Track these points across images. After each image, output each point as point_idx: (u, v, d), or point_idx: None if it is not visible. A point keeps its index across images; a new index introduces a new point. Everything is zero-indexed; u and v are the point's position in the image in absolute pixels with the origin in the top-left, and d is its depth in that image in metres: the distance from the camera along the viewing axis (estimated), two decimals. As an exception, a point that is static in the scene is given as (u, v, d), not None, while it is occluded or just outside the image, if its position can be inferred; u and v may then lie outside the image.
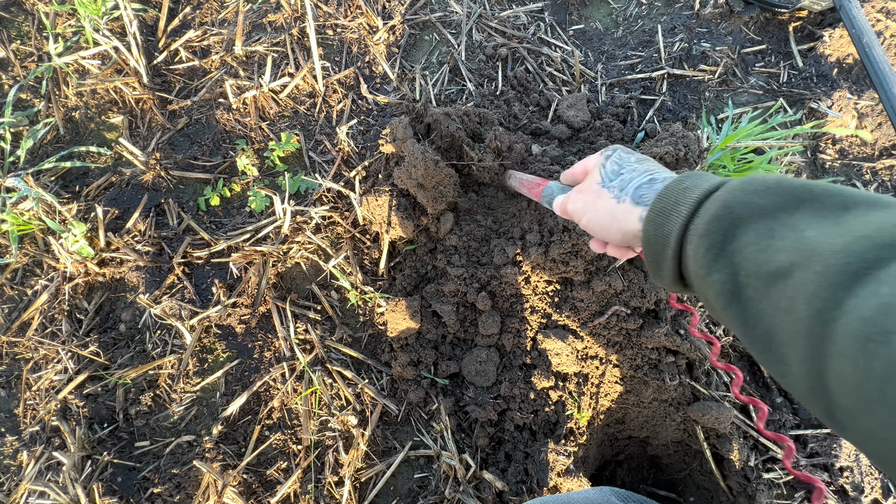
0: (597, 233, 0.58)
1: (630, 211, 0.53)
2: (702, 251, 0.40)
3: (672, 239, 0.44)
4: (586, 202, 0.59)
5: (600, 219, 0.56)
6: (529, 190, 0.90)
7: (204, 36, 1.36)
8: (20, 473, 1.01)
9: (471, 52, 1.38)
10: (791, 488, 0.97)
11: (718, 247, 0.39)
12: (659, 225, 0.46)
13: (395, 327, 1.03)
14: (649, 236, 0.48)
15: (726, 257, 0.38)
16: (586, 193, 0.60)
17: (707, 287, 0.40)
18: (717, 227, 0.39)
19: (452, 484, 0.95)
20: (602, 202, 0.56)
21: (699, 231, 0.41)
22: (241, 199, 1.22)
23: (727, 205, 0.40)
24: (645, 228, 0.48)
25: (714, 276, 0.39)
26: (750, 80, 1.31)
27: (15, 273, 1.16)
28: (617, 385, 1.03)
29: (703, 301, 0.44)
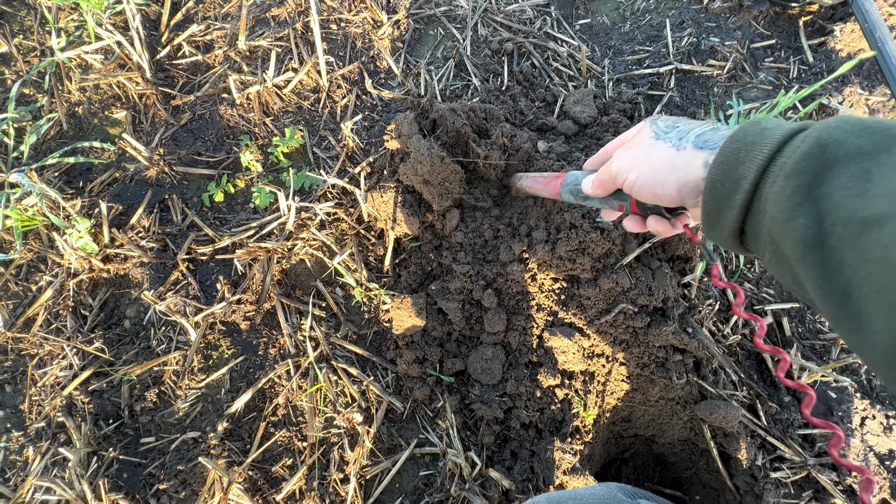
0: (646, 189, 0.52)
1: (693, 157, 0.48)
2: (787, 193, 0.37)
3: (746, 182, 0.41)
4: (636, 156, 0.53)
5: (654, 171, 0.50)
6: (545, 185, 0.86)
7: (207, 30, 1.34)
8: (26, 469, 1.01)
9: (476, 46, 1.37)
10: (799, 487, 0.97)
11: (806, 189, 0.36)
12: (730, 167, 0.42)
13: (400, 324, 1.02)
14: (715, 182, 0.43)
15: (813, 201, 0.35)
16: (636, 148, 0.54)
17: (786, 234, 0.37)
18: (807, 167, 0.36)
19: (458, 482, 0.94)
20: (657, 153, 0.51)
21: (787, 171, 0.38)
22: (245, 196, 1.21)
23: (821, 143, 0.36)
24: (711, 174, 0.44)
25: (798, 221, 0.35)
26: (759, 76, 1.29)
27: (19, 269, 1.16)
28: (623, 383, 1.02)
29: (768, 255, 0.40)
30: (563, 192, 0.77)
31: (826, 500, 0.95)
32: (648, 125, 0.55)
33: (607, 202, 0.65)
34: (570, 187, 0.75)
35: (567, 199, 0.77)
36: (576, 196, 0.74)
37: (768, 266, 0.42)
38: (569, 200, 0.77)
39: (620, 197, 0.62)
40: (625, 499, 0.60)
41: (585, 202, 0.72)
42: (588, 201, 0.71)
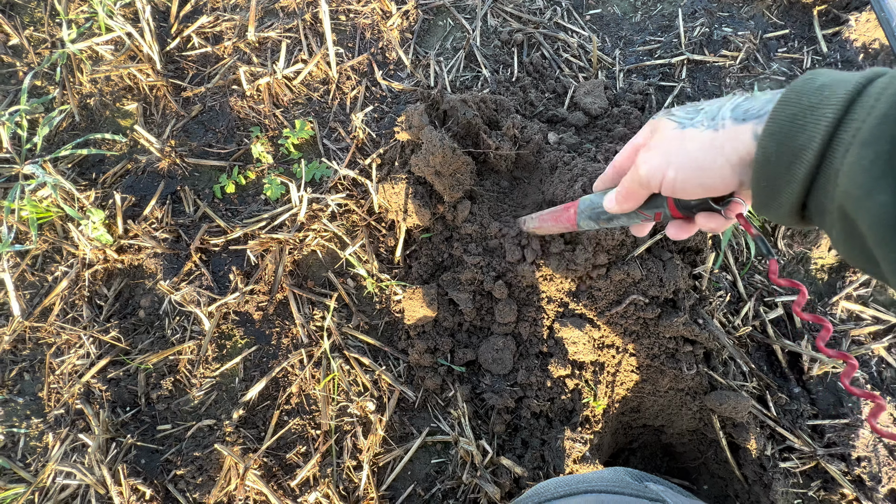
0: (691, 182, 0.44)
1: (737, 131, 0.40)
2: (865, 164, 0.31)
3: (809, 152, 0.35)
4: (667, 151, 0.46)
5: (695, 159, 0.43)
6: (556, 220, 0.78)
7: (216, 22, 1.34)
8: (46, 454, 1.04)
9: (486, 37, 1.36)
10: (807, 477, 0.97)
11: (887, 158, 0.30)
12: (787, 136, 0.36)
13: (412, 315, 1.03)
14: (769, 154, 0.37)
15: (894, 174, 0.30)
16: (663, 143, 0.47)
17: (864, 212, 0.31)
18: (888, 132, 0.30)
19: (470, 469, 0.96)
20: (690, 141, 0.44)
21: (862, 137, 0.32)
22: (257, 187, 1.22)
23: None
24: (762, 146, 0.38)
25: (879, 197, 0.30)
26: (772, 66, 1.28)
27: (35, 259, 1.17)
28: (633, 374, 1.03)
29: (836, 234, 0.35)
30: (580, 221, 0.69)
31: (834, 489, 0.95)
32: (664, 118, 0.49)
33: (638, 216, 0.57)
34: (588, 213, 0.67)
35: (587, 227, 0.69)
36: (597, 220, 0.65)
37: (835, 242, 0.37)
38: (589, 228, 0.69)
39: (654, 204, 0.54)
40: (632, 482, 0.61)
41: (611, 223, 0.63)
42: (614, 221, 0.62)
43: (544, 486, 0.63)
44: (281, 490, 0.98)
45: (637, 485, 0.59)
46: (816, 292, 1.10)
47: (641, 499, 0.55)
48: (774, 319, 1.07)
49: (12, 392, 1.09)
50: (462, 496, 0.97)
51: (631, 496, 0.56)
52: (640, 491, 0.57)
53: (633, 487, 0.58)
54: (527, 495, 0.63)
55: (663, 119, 0.49)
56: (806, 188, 0.37)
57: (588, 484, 0.59)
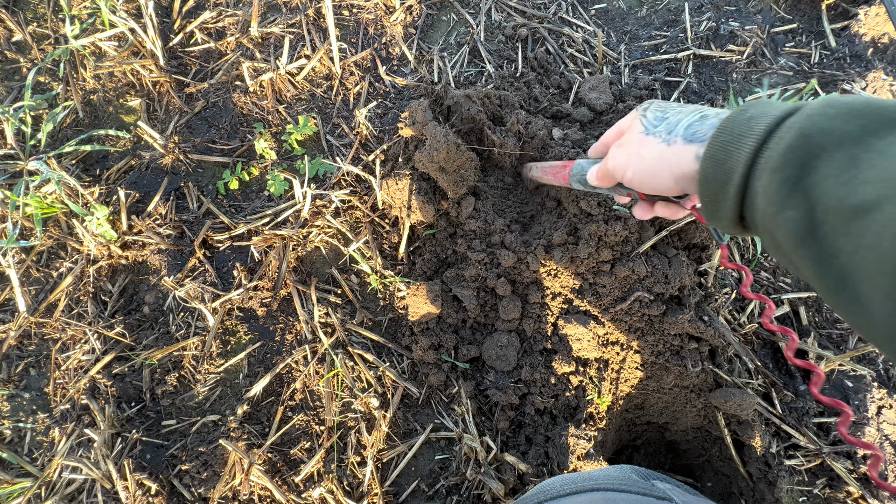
0: (645, 184, 0.53)
1: (683, 150, 0.48)
2: (774, 186, 0.37)
3: (736, 175, 0.41)
4: (629, 154, 0.54)
5: (648, 167, 0.52)
6: (555, 175, 0.87)
7: (219, 17, 1.34)
8: (52, 449, 1.04)
9: (490, 32, 1.35)
10: (812, 475, 0.97)
11: (793, 181, 0.36)
12: (720, 161, 0.42)
13: (415, 311, 1.03)
14: (707, 175, 0.44)
15: (801, 192, 0.35)
16: (628, 145, 0.55)
17: (777, 226, 0.37)
18: (792, 160, 0.36)
19: (473, 465, 0.96)
20: (648, 149, 0.52)
21: (772, 164, 0.37)
22: (260, 183, 1.22)
23: (805, 133, 0.36)
24: (703, 166, 0.45)
25: (787, 213, 0.36)
26: (780, 61, 1.27)
27: (40, 255, 1.18)
28: (637, 371, 1.03)
29: (766, 242, 0.41)
30: (571, 181, 0.78)
31: (840, 487, 0.95)
32: (638, 118, 0.56)
33: (615, 190, 0.66)
34: (578, 177, 0.75)
35: (577, 188, 0.78)
36: (584, 185, 0.74)
37: (768, 250, 0.43)
38: (579, 188, 0.78)
39: (625, 187, 0.62)
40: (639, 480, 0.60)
41: (595, 190, 0.73)
42: (597, 190, 0.72)
43: (550, 484, 0.63)
44: (285, 485, 0.99)
45: (644, 483, 0.59)
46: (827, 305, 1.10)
47: (649, 497, 0.55)
48: (780, 317, 1.06)
49: (18, 387, 1.10)
50: (466, 492, 0.97)
51: (638, 494, 0.56)
52: (647, 489, 0.57)
53: (639, 486, 0.57)
54: (532, 492, 0.63)
55: (637, 119, 0.56)
56: (739, 203, 0.43)
57: (594, 482, 0.59)
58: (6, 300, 1.15)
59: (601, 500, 0.55)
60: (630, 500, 0.55)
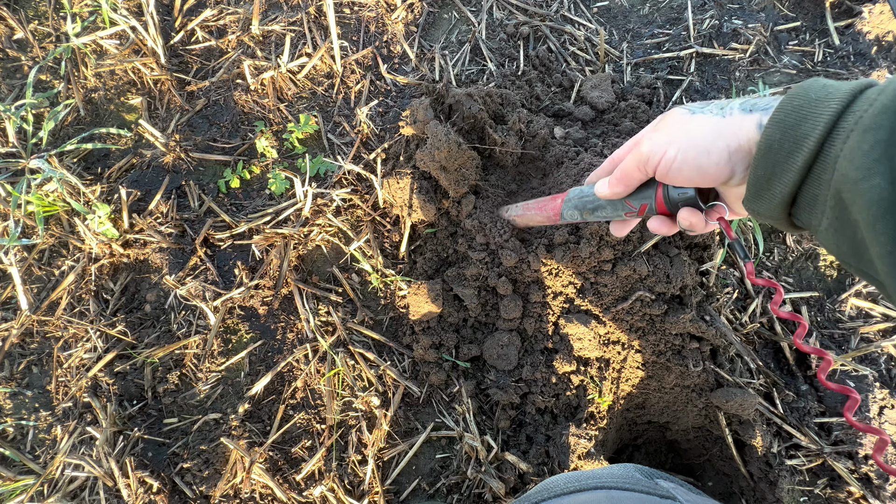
0: (689, 163, 0.47)
1: (743, 120, 0.44)
2: (865, 148, 0.34)
3: (811, 140, 0.38)
4: (672, 131, 0.49)
5: (698, 140, 0.46)
6: (541, 209, 0.79)
7: (220, 15, 1.34)
8: (55, 447, 1.05)
9: (491, 30, 1.35)
10: (814, 475, 0.97)
11: (884, 145, 0.33)
12: (791, 125, 0.39)
13: (416, 310, 1.03)
14: (772, 142, 0.40)
15: (889, 161, 0.33)
16: (669, 126, 0.50)
17: (859, 195, 0.34)
18: (886, 122, 0.33)
19: (474, 464, 0.96)
20: (697, 123, 0.47)
21: (864, 124, 0.35)
22: (261, 182, 1.22)
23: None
24: (767, 133, 0.41)
25: (874, 180, 0.33)
26: (783, 59, 1.26)
27: (42, 253, 1.18)
28: (638, 370, 1.03)
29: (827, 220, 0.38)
30: (565, 210, 0.71)
31: (841, 487, 0.95)
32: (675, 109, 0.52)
33: (624, 206, 0.59)
34: (576, 201, 0.68)
35: (570, 219, 0.71)
36: (582, 210, 0.67)
37: (823, 235, 0.39)
38: (571, 220, 0.71)
39: (642, 195, 0.56)
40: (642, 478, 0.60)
41: (594, 215, 0.66)
42: (598, 213, 0.64)
43: (553, 482, 0.63)
44: (286, 483, 0.99)
45: (647, 482, 0.59)
46: (825, 289, 1.09)
47: (652, 496, 0.55)
48: (782, 316, 1.06)
49: (21, 385, 1.10)
50: (466, 491, 0.97)
51: (641, 493, 0.55)
52: (650, 488, 0.56)
53: (643, 484, 0.57)
54: (535, 490, 0.63)
55: (675, 108, 0.52)
56: (802, 177, 0.40)
57: (598, 480, 0.59)
58: (8, 298, 1.15)
59: (605, 498, 0.55)
60: (634, 499, 0.54)
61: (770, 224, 0.48)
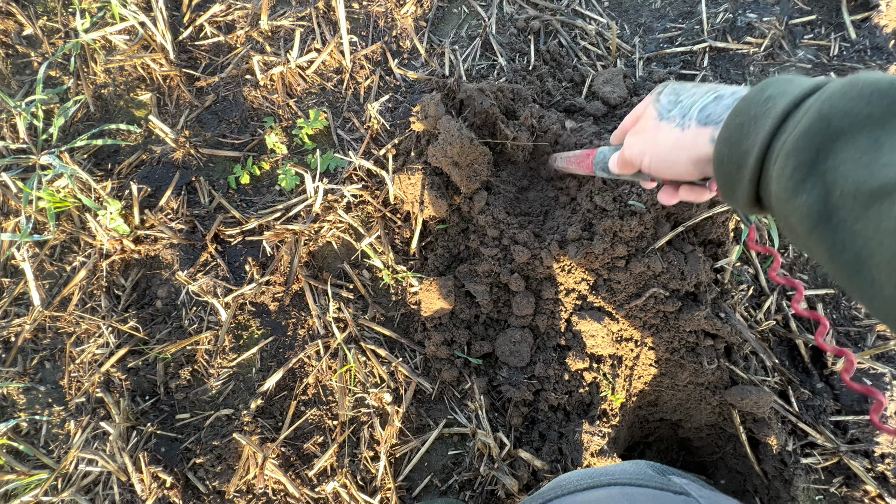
0: (663, 171, 0.53)
1: (698, 134, 0.48)
2: (788, 171, 0.36)
3: (751, 158, 0.40)
4: (644, 141, 0.55)
5: (664, 153, 0.51)
6: (579, 164, 0.86)
7: (228, 10, 1.33)
8: (68, 442, 1.05)
9: (501, 25, 1.33)
10: (829, 473, 0.96)
11: (809, 165, 0.35)
12: (734, 143, 0.42)
13: (428, 307, 1.03)
14: (722, 157, 0.43)
15: (817, 176, 0.34)
16: (643, 132, 0.55)
17: (791, 211, 0.36)
18: (808, 144, 0.35)
19: (487, 461, 0.96)
20: (663, 135, 0.52)
21: (786, 149, 0.37)
22: (271, 178, 1.21)
23: (823, 116, 0.35)
24: (717, 149, 0.44)
25: (801, 198, 0.35)
26: (798, 54, 1.24)
27: (53, 249, 1.18)
28: (651, 368, 1.02)
29: (781, 225, 0.40)
30: (595, 169, 0.78)
31: (857, 486, 0.94)
32: (652, 103, 0.55)
33: (639, 177, 0.66)
34: (601, 164, 0.75)
35: (602, 175, 0.78)
36: (608, 172, 0.74)
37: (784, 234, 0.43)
38: (604, 176, 0.77)
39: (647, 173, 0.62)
40: (655, 475, 0.60)
41: (620, 177, 0.72)
42: (622, 177, 0.71)
43: (566, 479, 0.62)
44: (299, 479, 0.99)
45: (660, 478, 0.59)
46: (839, 287, 1.08)
47: (666, 492, 0.54)
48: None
49: (34, 380, 1.11)
50: (479, 488, 0.97)
51: (655, 489, 0.55)
52: (664, 484, 0.56)
53: (656, 480, 0.57)
54: (548, 487, 0.63)
55: (651, 104, 0.56)
56: (755, 186, 0.42)
57: (611, 477, 0.59)
58: (21, 294, 1.16)
59: (619, 494, 0.55)
60: (647, 495, 0.54)
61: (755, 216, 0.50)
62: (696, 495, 0.54)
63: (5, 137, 1.24)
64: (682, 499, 0.53)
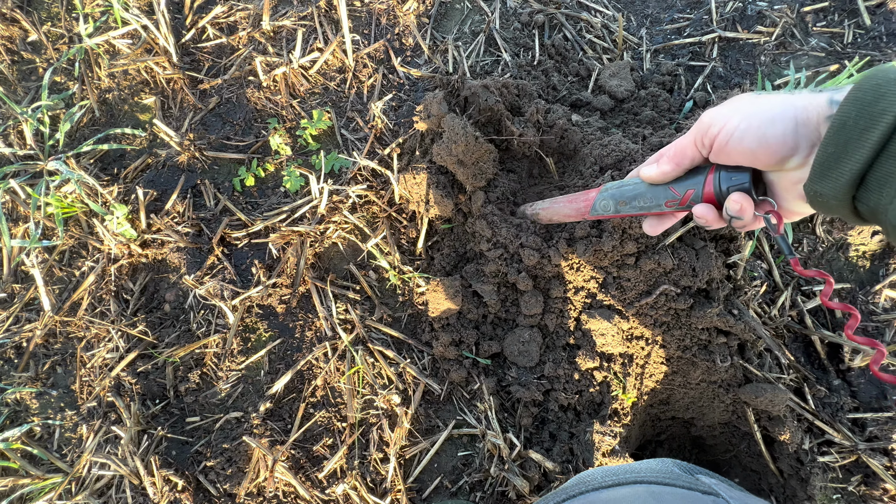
0: (752, 132, 0.46)
1: (813, 97, 0.44)
2: None
3: (889, 116, 0.38)
4: (737, 105, 0.48)
5: (764, 111, 0.46)
6: (571, 201, 0.76)
7: (230, 12, 1.32)
8: (81, 446, 1.06)
9: (505, 19, 1.31)
10: (847, 472, 0.94)
11: None
12: (868, 103, 0.39)
13: (436, 307, 1.02)
14: (847, 118, 0.40)
15: None
16: (734, 101, 0.50)
17: None
18: None
19: (497, 462, 0.95)
20: (765, 98, 0.47)
21: None
22: (276, 179, 1.21)
23: None
24: (842, 109, 0.40)
25: None
26: (810, 42, 1.21)
27: (62, 255, 1.19)
28: (663, 366, 1.00)
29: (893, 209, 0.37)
30: (598, 202, 0.67)
31: (876, 484, 0.92)
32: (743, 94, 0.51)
33: (665, 194, 0.55)
34: (612, 191, 0.64)
35: (602, 212, 0.67)
36: (618, 200, 0.63)
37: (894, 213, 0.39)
38: (604, 213, 0.67)
39: (690, 180, 0.53)
40: (682, 474, 0.58)
41: (630, 205, 0.61)
42: (635, 203, 0.60)
43: (590, 475, 0.61)
44: (309, 482, 0.99)
45: (688, 477, 0.57)
46: (857, 280, 1.06)
47: (694, 491, 0.53)
48: (812, 309, 1.03)
49: (46, 385, 1.12)
50: (490, 489, 0.96)
51: (683, 488, 0.54)
52: (691, 483, 0.55)
53: (684, 479, 0.55)
54: (571, 483, 0.62)
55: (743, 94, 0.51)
56: (875, 154, 0.39)
57: (637, 474, 0.57)
58: (31, 299, 1.17)
59: (645, 493, 0.54)
60: (675, 494, 0.53)
61: (823, 212, 0.46)
62: (727, 496, 0.53)
63: (13, 144, 1.25)
64: (710, 499, 0.52)
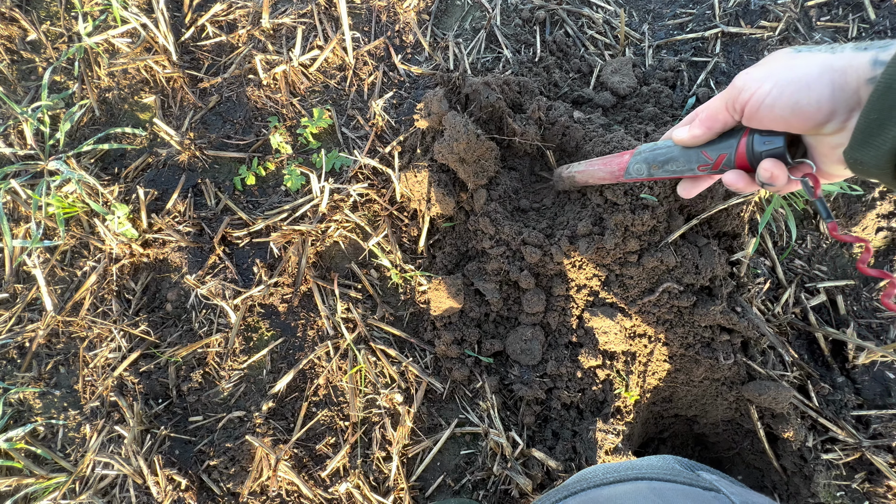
0: (786, 97, 0.43)
1: (855, 57, 0.41)
2: None
3: None
4: (772, 67, 0.45)
5: (799, 75, 0.43)
6: (605, 164, 0.75)
7: (230, 9, 1.31)
8: (84, 445, 1.06)
9: (506, 16, 1.30)
10: (851, 469, 0.94)
11: None
12: None
13: (438, 306, 1.01)
14: (893, 81, 0.37)
15: None
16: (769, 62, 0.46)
17: None
18: None
19: (500, 461, 0.95)
20: (803, 58, 0.44)
21: None
22: (277, 178, 1.21)
23: None
24: (889, 72, 0.38)
25: None
26: (814, 36, 1.20)
27: (64, 255, 1.19)
28: (666, 363, 1.00)
29: None
30: (632, 165, 0.65)
31: (880, 481, 0.92)
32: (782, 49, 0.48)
33: (698, 158, 0.53)
34: (646, 154, 0.62)
35: (635, 175, 0.65)
36: (651, 164, 0.61)
37: None
38: (637, 176, 0.65)
39: (722, 144, 0.51)
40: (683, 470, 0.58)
41: (663, 169, 0.59)
42: (668, 167, 0.58)
43: (591, 472, 0.61)
44: (312, 481, 0.99)
45: (689, 473, 0.57)
46: (861, 277, 1.05)
47: (695, 487, 0.53)
48: (816, 306, 1.02)
49: (49, 385, 1.12)
50: (493, 487, 0.96)
51: (684, 485, 0.54)
52: (693, 479, 0.54)
53: (685, 476, 0.55)
54: (573, 480, 0.62)
55: (781, 49, 0.48)
56: None
57: (638, 471, 0.57)
58: (34, 300, 1.17)
59: (647, 489, 0.53)
60: (676, 491, 0.53)
61: (864, 177, 0.43)
62: (728, 492, 0.52)
63: (13, 144, 1.25)
64: (712, 495, 0.52)
